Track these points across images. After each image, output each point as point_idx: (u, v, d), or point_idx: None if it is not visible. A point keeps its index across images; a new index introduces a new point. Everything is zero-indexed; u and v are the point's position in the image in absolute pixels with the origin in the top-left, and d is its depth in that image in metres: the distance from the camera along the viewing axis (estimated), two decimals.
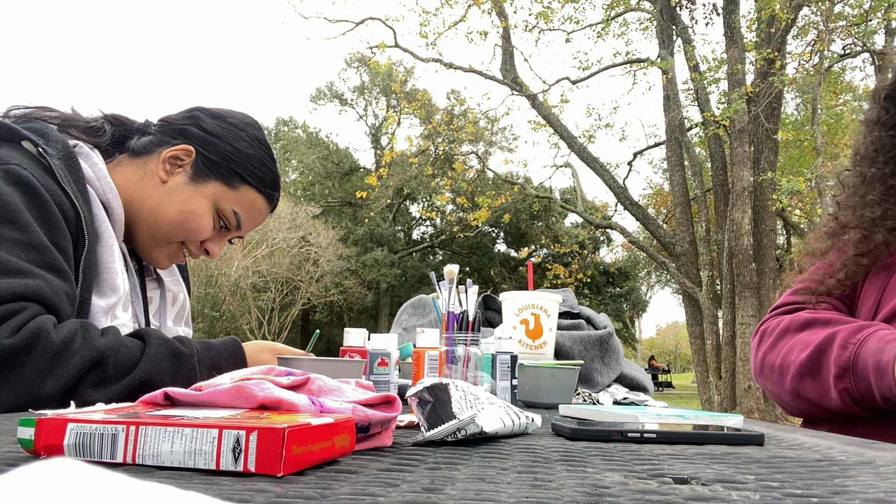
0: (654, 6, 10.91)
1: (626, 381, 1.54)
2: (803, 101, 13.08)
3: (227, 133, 1.17)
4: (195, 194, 1.15)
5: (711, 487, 0.41)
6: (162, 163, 1.15)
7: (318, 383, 0.56)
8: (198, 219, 1.15)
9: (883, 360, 0.90)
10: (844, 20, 9.68)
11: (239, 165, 1.17)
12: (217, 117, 1.19)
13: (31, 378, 0.85)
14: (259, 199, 1.20)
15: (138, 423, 0.42)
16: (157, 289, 1.27)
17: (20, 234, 0.91)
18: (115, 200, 1.09)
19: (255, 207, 1.21)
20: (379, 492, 0.37)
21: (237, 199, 1.18)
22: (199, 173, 1.15)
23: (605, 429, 0.65)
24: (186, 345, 1.02)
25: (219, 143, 1.16)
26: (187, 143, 1.15)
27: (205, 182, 1.16)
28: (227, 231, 1.21)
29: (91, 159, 1.09)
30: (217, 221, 1.18)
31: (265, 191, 1.21)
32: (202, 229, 1.16)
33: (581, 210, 13.63)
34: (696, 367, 10.45)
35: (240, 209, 1.19)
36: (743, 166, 8.90)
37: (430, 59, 11.61)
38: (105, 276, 1.05)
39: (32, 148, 1.02)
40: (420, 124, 16.32)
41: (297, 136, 26.23)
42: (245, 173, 1.17)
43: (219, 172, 1.16)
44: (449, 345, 1.19)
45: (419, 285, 22.16)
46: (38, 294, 0.89)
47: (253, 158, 1.18)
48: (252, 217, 1.22)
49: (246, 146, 1.18)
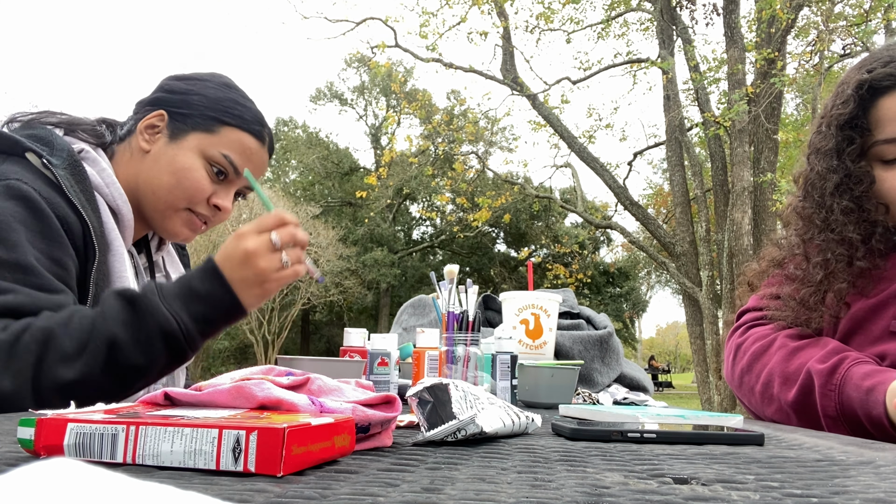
0: (654, 6, 10.91)
1: (626, 381, 1.54)
2: (803, 102, 13.08)
3: (193, 86, 1.15)
4: (179, 151, 1.12)
5: (711, 487, 0.41)
6: (140, 133, 1.13)
7: (318, 383, 0.56)
8: (189, 174, 1.11)
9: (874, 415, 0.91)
10: (844, 20, 9.67)
11: (212, 109, 1.13)
12: (182, 78, 1.18)
13: None
14: (245, 136, 1.15)
15: (138, 423, 0.42)
16: None
17: (7, 253, 0.89)
18: (126, 206, 1.08)
19: (244, 146, 1.15)
20: (379, 492, 0.37)
21: (221, 142, 1.13)
22: (176, 130, 1.13)
23: (605, 429, 0.65)
24: (146, 286, 0.92)
25: (186, 96, 1.14)
26: (158, 108, 1.14)
27: (184, 136, 1.13)
28: (227, 180, 1.16)
29: (98, 164, 1.08)
30: (211, 171, 1.13)
31: (248, 127, 1.16)
32: (198, 184, 1.12)
33: (581, 210, 13.62)
34: (696, 367, 10.45)
35: (229, 151, 1.14)
36: (743, 166, 8.90)
37: (430, 59, 11.60)
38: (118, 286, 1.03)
39: (36, 160, 1.00)
40: (420, 124, 16.32)
41: (297, 136, 26.24)
42: (220, 115, 1.14)
43: (194, 123, 1.13)
44: (449, 345, 1.19)
45: (419, 285, 22.16)
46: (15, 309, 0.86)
47: (225, 100, 1.15)
48: (247, 157, 1.16)
49: (215, 91, 1.15)
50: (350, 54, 23.97)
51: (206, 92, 1.15)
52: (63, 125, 1.10)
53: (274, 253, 0.95)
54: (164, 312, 0.89)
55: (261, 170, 1.20)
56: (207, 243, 17.35)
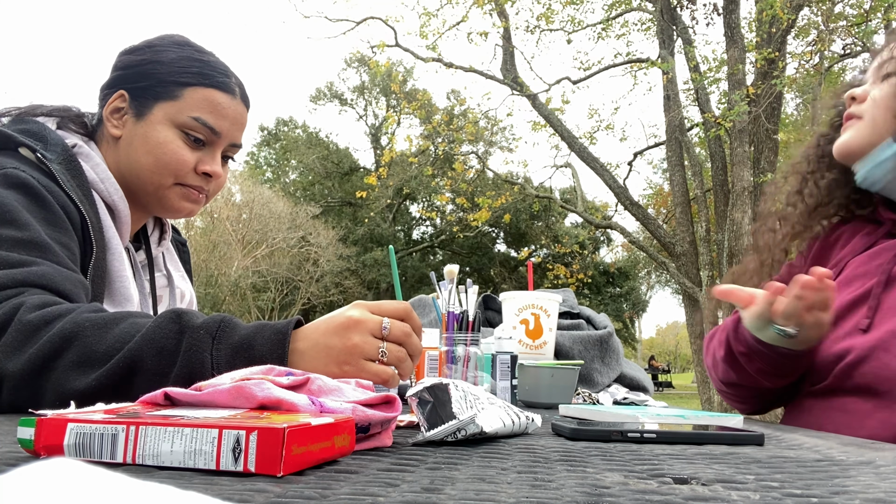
0: (654, 6, 10.90)
1: (626, 381, 1.54)
2: (803, 102, 13.07)
3: (144, 55, 1.09)
4: (148, 128, 1.07)
5: (711, 487, 0.41)
6: (107, 120, 1.08)
7: (318, 383, 0.56)
8: (165, 147, 1.06)
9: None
10: (845, 20, 9.67)
11: (168, 73, 1.07)
12: (134, 50, 1.11)
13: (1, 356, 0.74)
14: (212, 92, 1.08)
15: (138, 423, 0.42)
16: (167, 286, 1.22)
17: (20, 232, 0.85)
18: (122, 202, 1.05)
19: (214, 103, 1.08)
20: (379, 492, 0.37)
21: (188, 105, 1.07)
22: (140, 107, 1.07)
23: (605, 429, 0.65)
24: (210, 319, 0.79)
25: (139, 68, 1.08)
26: (116, 90, 1.09)
27: (149, 111, 1.07)
28: (209, 144, 1.10)
29: (92, 159, 1.05)
30: (188, 139, 1.07)
31: (212, 82, 1.08)
32: (177, 156, 1.06)
33: (581, 210, 13.62)
34: (696, 367, 10.44)
35: (199, 113, 1.07)
36: (743, 166, 8.90)
37: (430, 59, 11.60)
38: (118, 286, 1.01)
39: (30, 154, 0.97)
40: (420, 124, 16.32)
41: (297, 136, 26.25)
42: (179, 77, 1.06)
43: (155, 93, 1.06)
44: (449, 345, 1.19)
45: (419, 285, 22.16)
46: (43, 279, 0.81)
47: (180, 60, 1.08)
48: (221, 114, 1.09)
49: (166, 54, 1.09)
50: (350, 54, 23.98)
51: (160, 57, 1.08)
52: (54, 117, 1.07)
53: (376, 338, 0.79)
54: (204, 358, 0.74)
55: (240, 124, 1.13)
56: (207, 243, 17.36)
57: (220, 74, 1.10)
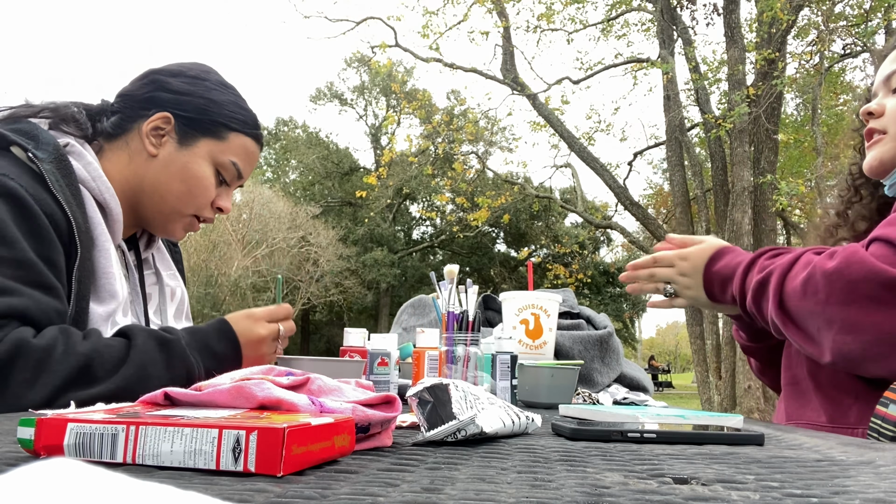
0: (654, 6, 10.90)
1: (626, 381, 1.54)
2: (803, 102, 13.07)
3: (194, 87, 1.15)
4: (191, 158, 1.13)
5: (711, 487, 0.41)
6: (145, 137, 1.12)
7: (318, 383, 0.56)
8: (201, 181, 1.14)
9: None
10: (845, 20, 9.67)
11: (219, 115, 1.14)
12: (177, 74, 1.16)
13: (15, 389, 0.83)
14: (249, 141, 1.19)
15: (138, 423, 0.42)
16: (156, 284, 1.25)
17: (7, 250, 0.88)
18: (113, 200, 1.07)
19: (248, 152, 1.19)
20: (379, 492, 0.37)
21: (230, 149, 1.16)
22: (185, 136, 1.13)
23: (605, 429, 0.65)
24: (171, 332, 1.00)
25: (191, 99, 1.14)
26: (161, 110, 1.12)
27: (195, 142, 1.14)
28: (228, 184, 1.20)
29: (84, 158, 1.06)
30: (217, 177, 1.17)
31: (251, 132, 1.19)
32: (207, 192, 1.16)
33: (581, 210, 13.62)
34: (696, 367, 10.44)
35: (235, 158, 1.17)
36: (743, 166, 8.90)
37: (430, 58, 11.60)
38: (104, 283, 1.03)
39: (22, 153, 0.98)
40: (420, 124, 16.31)
41: (297, 136, 26.25)
42: (227, 121, 1.15)
43: (203, 128, 1.14)
44: (449, 345, 1.19)
45: (419, 285, 22.17)
46: (23, 313, 0.87)
47: (228, 104, 1.16)
48: (249, 162, 1.20)
49: (217, 94, 1.16)
50: (351, 54, 23.98)
51: (210, 95, 1.15)
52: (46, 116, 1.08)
53: (275, 341, 1.10)
54: (191, 360, 0.98)
55: (254, 167, 1.25)
56: (207, 243, 17.35)
57: (256, 126, 1.21)
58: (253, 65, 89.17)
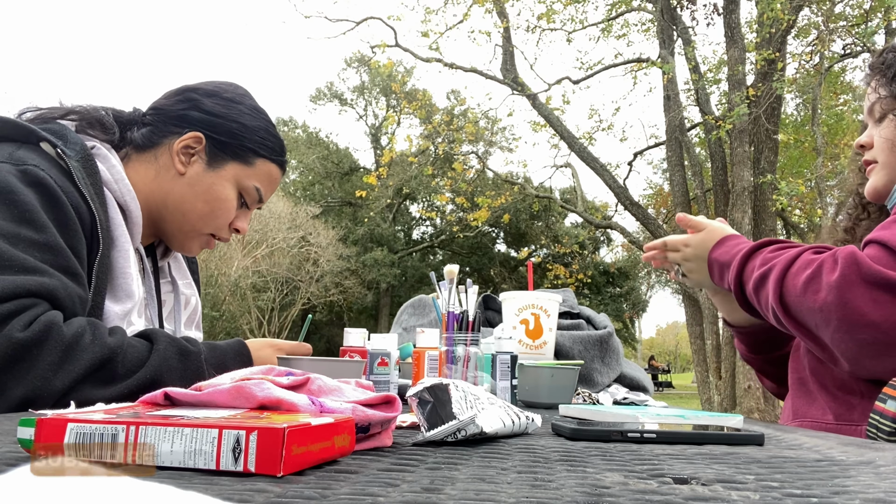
0: (654, 6, 10.90)
1: (626, 381, 1.54)
2: (803, 102, 13.07)
3: (228, 110, 1.17)
4: (217, 180, 1.16)
5: (711, 487, 0.41)
6: (175, 154, 1.14)
7: (318, 383, 0.56)
8: (224, 204, 1.17)
9: None
10: (845, 20, 9.67)
11: (249, 140, 1.17)
12: (212, 95, 1.18)
13: (42, 371, 0.84)
14: (274, 168, 1.22)
15: (138, 423, 0.42)
16: (171, 292, 1.27)
17: (37, 234, 0.90)
18: (133, 203, 1.09)
19: (272, 178, 1.22)
20: (379, 492, 0.37)
21: (256, 175, 1.19)
22: (214, 157, 1.15)
23: (605, 429, 0.65)
24: (193, 344, 1.02)
25: (224, 122, 1.16)
26: (193, 129, 1.14)
27: (223, 165, 1.16)
28: (248, 207, 1.22)
29: (109, 161, 1.08)
30: (239, 200, 1.20)
31: (277, 159, 1.22)
32: (228, 215, 1.18)
33: (581, 210, 13.62)
34: (696, 367, 10.44)
35: (259, 183, 1.20)
36: (743, 166, 8.90)
37: (431, 58, 11.59)
38: (121, 282, 1.04)
39: (51, 149, 1.01)
40: (420, 124, 16.31)
41: (297, 136, 26.22)
42: (257, 147, 1.18)
43: (233, 152, 1.16)
44: (449, 345, 1.19)
45: (419, 285, 22.16)
46: (51, 293, 0.89)
47: (259, 130, 1.18)
48: (271, 187, 1.23)
49: (249, 119, 1.18)
50: (351, 54, 23.98)
51: (244, 120, 1.17)
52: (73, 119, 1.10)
53: None
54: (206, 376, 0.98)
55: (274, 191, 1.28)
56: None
57: (283, 153, 1.24)
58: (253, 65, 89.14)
